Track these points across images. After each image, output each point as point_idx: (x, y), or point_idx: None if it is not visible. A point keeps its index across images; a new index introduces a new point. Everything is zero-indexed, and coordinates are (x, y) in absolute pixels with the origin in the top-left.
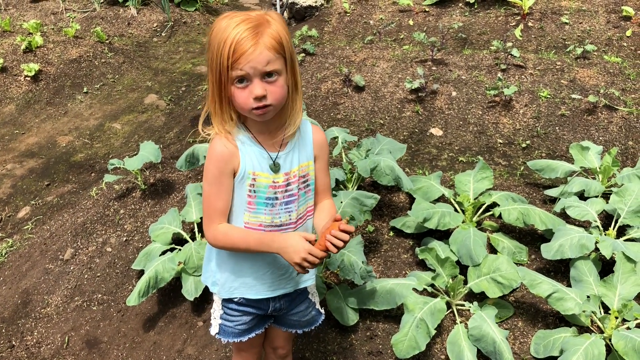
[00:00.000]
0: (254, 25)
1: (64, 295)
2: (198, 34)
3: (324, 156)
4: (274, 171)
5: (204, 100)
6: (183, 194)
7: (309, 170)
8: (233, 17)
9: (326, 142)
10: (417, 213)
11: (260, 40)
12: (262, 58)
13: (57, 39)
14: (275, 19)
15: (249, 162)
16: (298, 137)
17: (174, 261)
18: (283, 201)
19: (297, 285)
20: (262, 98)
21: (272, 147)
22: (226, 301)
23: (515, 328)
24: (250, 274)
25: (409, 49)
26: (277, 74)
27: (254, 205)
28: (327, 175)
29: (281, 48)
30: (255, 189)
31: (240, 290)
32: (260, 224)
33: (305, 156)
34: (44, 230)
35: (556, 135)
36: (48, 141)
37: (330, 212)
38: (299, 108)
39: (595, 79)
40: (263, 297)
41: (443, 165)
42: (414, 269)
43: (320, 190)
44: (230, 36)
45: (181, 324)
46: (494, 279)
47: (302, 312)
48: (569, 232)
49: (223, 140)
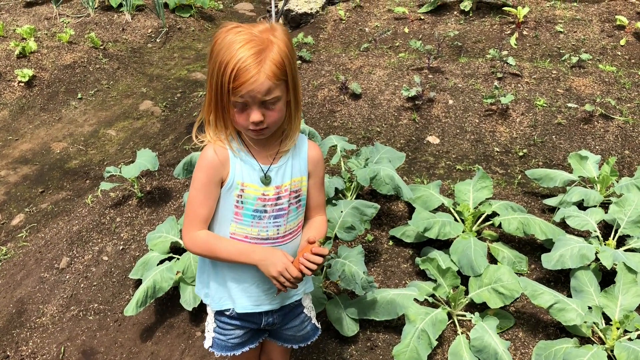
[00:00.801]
0: (258, 50)
1: (59, 305)
2: (193, 40)
3: (319, 173)
4: (265, 183)
5: (199, 107)
6: (180, 202)
7: (302, 185)
8: (238, 32)
9: (322, 159)
10: (418, 223)
11: (262, 69)
12: (262, 88)
13: (51, 44)
14: (279, 38)
15: (239, 172)
16: (293, 151)
17: (172, 270)
18: (272, 214)
19: (283, 302)
20: (259, 123)
21: (265, 159)
22: (219, 314)
23: (516, 338)
24: (234, 286)
25: (405, 57)
26: (276, 100)
27: (241, 217)
28: (321, 192)
29: (283, 73)
30: (243, 200)
31: (227, 303)
32: (246, 235)
33: (298, 171)
34: (39, 238)
35: (553, 144)
36: (42, 147)
37: (318, 229)
38: (297, 125)
39: (590, 87)
40: (249, 312)
41: (440, 173)
42: (414, 279)
43: (312, 206)
44: (233, 59)
45: (179, 334)
46: (496, 289)
47: (297, 326)
48: (569, 242)
49: (215, 147)
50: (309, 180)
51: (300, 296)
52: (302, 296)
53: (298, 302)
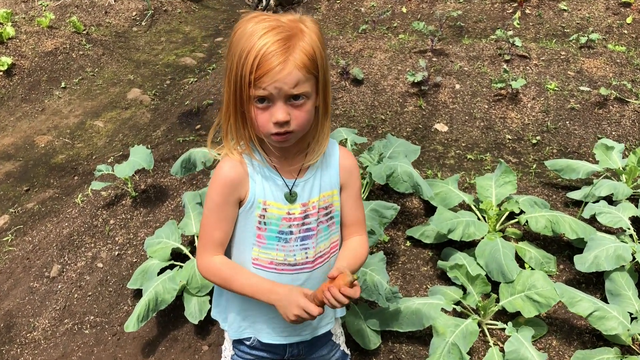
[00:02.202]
0: (285, 36)
1: (51, 318)
2: (180, 23)
3: (354, 184)
4: (290, 201)
5: (190, 95)
6: (178, 201)
7: (333, 200)
8: (261, 20)
9: (356, 167)
10: (441, 224)
11: (291, 57)
12: (290, 79)
13: (30, 29)
14: (310, 29)
15: (260, 189)
16: (322, 162)
17: (174, 281)
18: (299, 236)
19: (314, 333)
20: (284, 124)
21: (289, 173)
22: (237, 342)
23: (550, 347)
24: (259, 315)
25: (405, 39)
26: (305, 97)
27: (264, 240)
28: (357, 207)
29: (314, 67)
30: (266, 221)
31: (249, 331)
32: (271, 261)
33: (328, 184)
34: (26, 242)
35: (567, 130)
36: (25, 141)
37: (356, 254)
38: (326, 134)
39: (602, 69)
40: (276, 343)
41: (451, 163)
42: (435, 283)
43: (348, 223)
44: (255, 47)
45: (184, 349)
46: (530, 297)
47: (324, 356)
48: (603, 242)
49: (232, 162)
50: (341, 193)
51: (332, 325)
52: (333, 324)
53: (327, 331)
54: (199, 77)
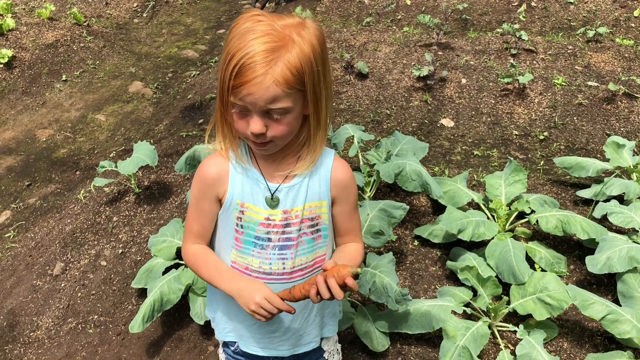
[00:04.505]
0: (272, 47)
1: (55, 317)
2: (181, 15)
3: (348, 199)
4: (270, 206)
5: (193, 89)
6: (182, 198)
7: (321, 212)
8: (258, 22)
9: (351, 182)
10: (450, 224)
11: (271, 70)
12: (266, 94)
13: (31, 21)
14: (305, 38)
15: (239, 190)
16: (312, 171)
17: (180, 280)
18: (277, 244)
19: (294, 350)
20: (259, 135)
21: (275, 178)
22: (225, 345)
23: (562, 350)
24: (240, 320)
25: (410, 32)
26: (284, 112)
27: (241, 243)
28: (353, 218)
29: (297, 81)
30: (243, 224)
31: (232, 335)
32: (247, 266)
33: (317, 195)
34: (28, 238)
35: (574, 126)
36: (26, 135)
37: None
38: (317, 145)
39: (610, 64)
40: (252, 353)
41: (457, 159)
42: (444, 283)
43: (342, 233)
44: (239, 52)
45: (189, 349)
46: (541, 299)
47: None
48: (615, 243)
49: (215, 160)
50: (334, 206)
51: (316, 344)
52: (317, 344)
53: (317, 347)
54: (201, 70)
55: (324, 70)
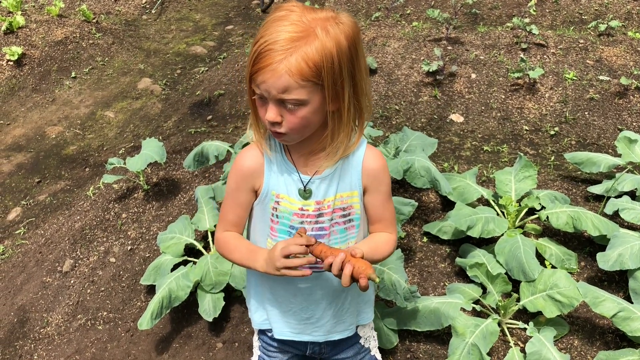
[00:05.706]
0: (293, 37)
1: (65, 313)
2: (190, 11)
3: (380, 188)
4: (304, 197)
5: (202, 85)
6: (191, 194)
7: (352, 202)
8: (291, 11)
9: (384, 170)
10: (459, 221)
11: (286, 60)
12: (278, 84)
13: (40, 18)
14: (331, 34)
15: (274, 182)
16: (343, 161)
17: (188, 277)
18: (310, 234)
19: (328, 337)
20: (275, 124)
21: (307, 168)
22: (261, 332)
23: (572, 348)
24: (271, 308)
25: (419, 26)
26: (298, 104)
27: (277, 233)
28: (386, 208)
29: (314, 74)
30: (278, 214)
31: (267, 323)
32: None
33: (348, 185)
34: (38, 235)
35: (586, 121)
36: (36, 132)
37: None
38: (341, 139)
39: (622, 58)
40: (286, 339)
41: (467, 155)
42: (453, 280)
43: (375, 221)
44: (263, 38)
45: (198, 346)
46: (552, 296)
47: (350, 358)
48: (627, 240)
49: (252, 152)
50: (365, 195)
51: (351, 332)
52: (353, 332)
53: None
54: (209, 67)
55: (352, 67)
